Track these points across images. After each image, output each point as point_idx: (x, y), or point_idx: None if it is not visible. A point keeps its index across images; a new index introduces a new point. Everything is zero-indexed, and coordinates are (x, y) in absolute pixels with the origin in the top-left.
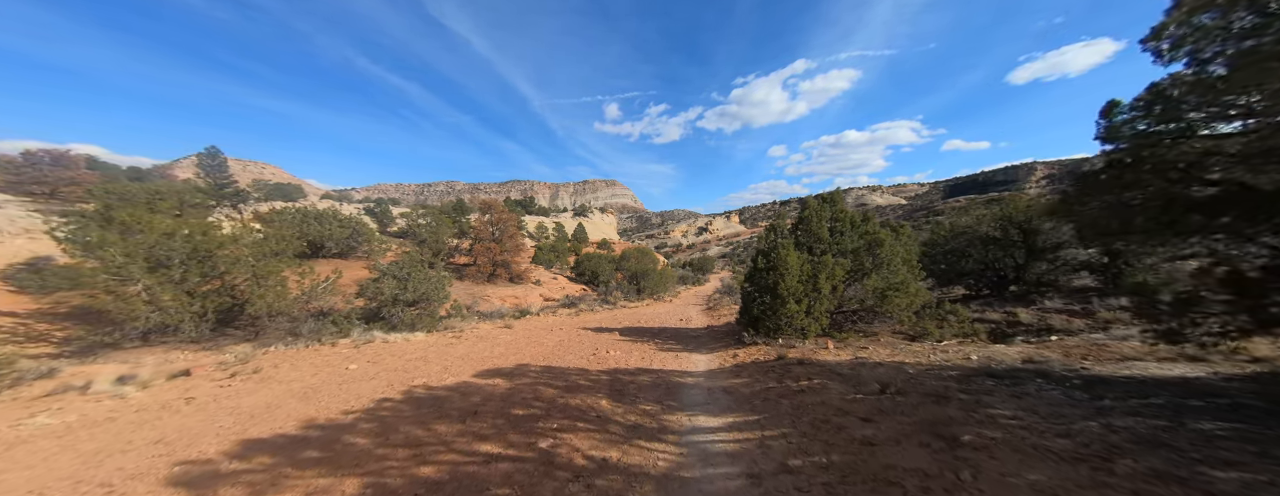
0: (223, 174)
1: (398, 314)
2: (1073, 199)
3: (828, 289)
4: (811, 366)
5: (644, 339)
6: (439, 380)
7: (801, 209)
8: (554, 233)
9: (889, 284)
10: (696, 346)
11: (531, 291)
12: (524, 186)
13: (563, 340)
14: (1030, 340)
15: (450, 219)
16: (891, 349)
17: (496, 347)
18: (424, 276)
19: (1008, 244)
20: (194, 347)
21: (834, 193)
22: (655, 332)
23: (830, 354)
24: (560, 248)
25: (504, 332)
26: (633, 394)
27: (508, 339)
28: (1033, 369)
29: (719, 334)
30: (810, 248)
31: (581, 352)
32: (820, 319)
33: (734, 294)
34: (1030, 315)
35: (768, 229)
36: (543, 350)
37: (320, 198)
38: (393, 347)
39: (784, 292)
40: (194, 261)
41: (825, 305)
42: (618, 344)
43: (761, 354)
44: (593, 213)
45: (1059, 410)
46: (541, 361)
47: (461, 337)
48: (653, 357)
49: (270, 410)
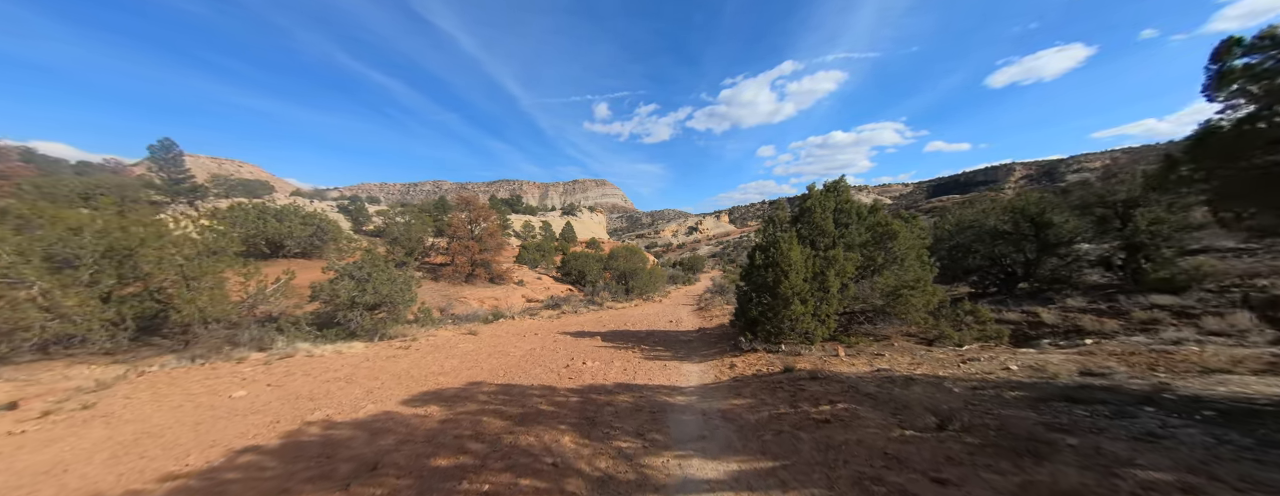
0: (178, 168)
1: (356, 318)
2: (1190, 165)
3: (836, 287)
4: (828, 382)
5: (629, 344)
6: (351, 411)
7: (802, 199)
8: (541, 231)
9: (903, 281)
10: (687, 353)
11: (513, 292)
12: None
13: (534, 349)
14: (1059, 343)
15: (431, 217)
16: (911, 356)
17: (450, 360)
18: (387, 277)
19: (1018, 238)
20: (108, 360)
21: (838, 181)
22: (642, 337)
23: (844, 363)
24: (546, 247)
25: (466, 340)
26: (607, 423)
27: (468, 348)
28: (1105, 386)
29: (712, 338)
30: (813, 242)
31: (553, 364)
32: (828, 322)
33: (726, 293)
34: (1053, 315)
35: (766, 221)
36: (506, 362)
37: (291, 194)
38: (316, 363)
39: (786, 292)
40: (109, 261)
41: (834, 306)
42: (598, 352)
43: (763, 363)
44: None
45: (1235, 465)
46: (500, 378)
47: (410, 348)
48: (637, 369)
49: (41, 480)
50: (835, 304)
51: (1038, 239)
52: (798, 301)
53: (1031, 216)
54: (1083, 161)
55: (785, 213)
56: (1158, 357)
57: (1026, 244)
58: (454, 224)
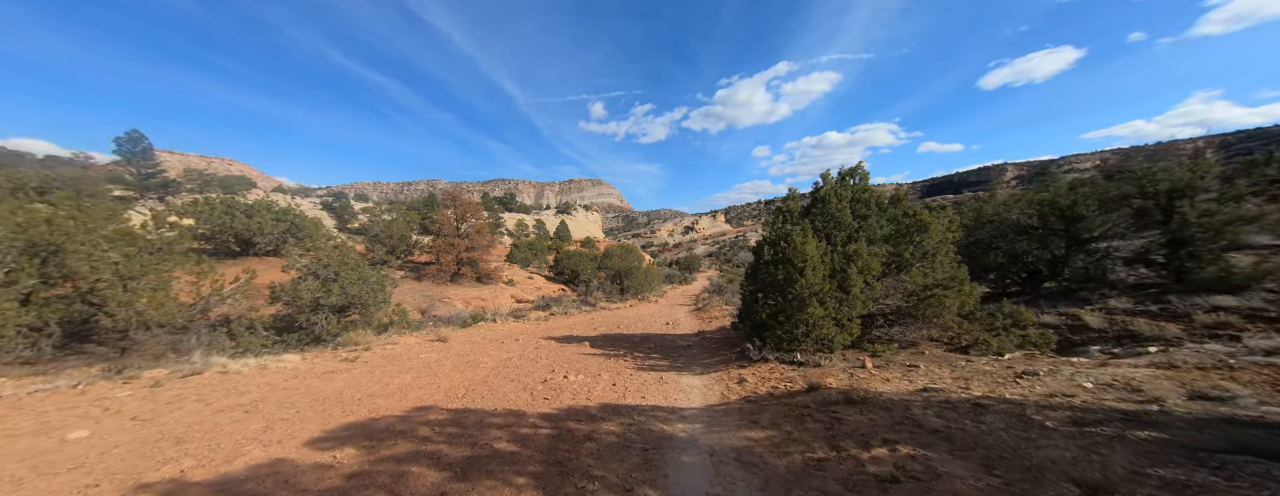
0: (148, 162)
1: (321, 322)
2: None
3: (860, 286)
4: (870, 408)
5: (621, 351)
6: (223, 461)
7: (815, 189)
8: (534, 230)
9: (935, 280)
10: (687, 362)
11: (501, 292)
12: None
13: (510, 358)
14: (1113, 352)
15: (419, 214)
16: (950, 368)
17: (401, 376)
18: (357, 276)
19: (1047, 233)
20: (27, 371)
21: (855, 167)
22: (636, 341)
23: (877, 379)
24: (539, 245)
25: (432, 348)
26: (584, 469)
27: (430, 359)
28: (1245, 417)
29: (713, 343)
30: (828, 235)
31: (529, 378)
32: (850, 326)
33: (724, 293)
34: (1097, 317)
35: (774, 213)
36: (471, 377)
37: (272, 190)
38: (224, 384)
39: (802, 292)
40: (29, 258)
41: (857, 308)
42: (584, 361)
43: (778, 377)
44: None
45: None
46: (458, 400)
47: (357, 360)
48: (628, 384)
49: None
50: (859, 306)
51: (1067, 234)
52: (816, 303)
53: (1062, 209)
54: (1073, 162)
55: (796, 203)
56: (1277, 373)
57: (1054, 239)
58: (439, 220)
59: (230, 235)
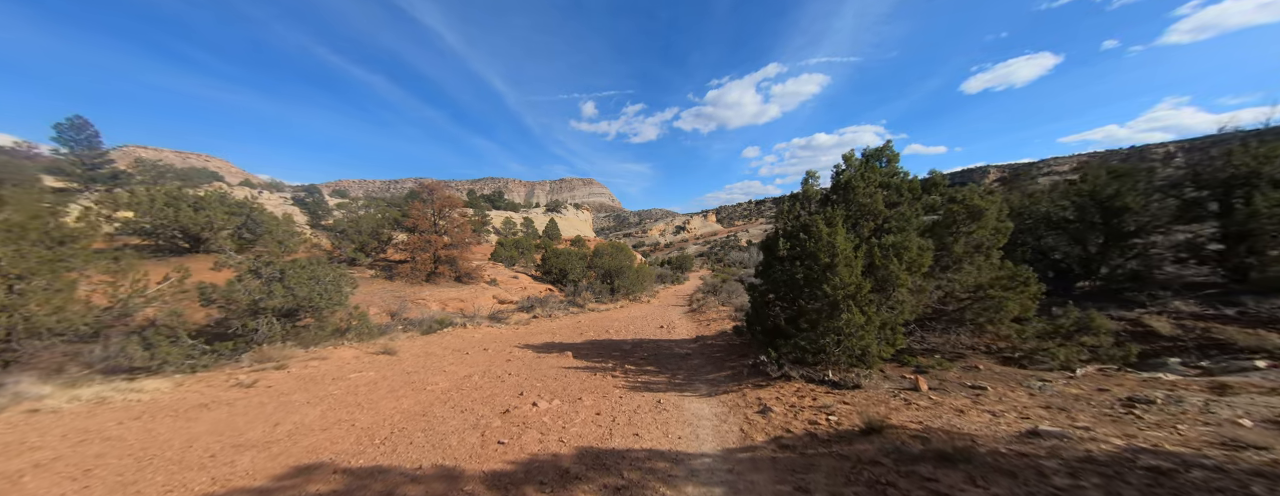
0: (94, 151)
1: (261, 328)
2: None
3: (908, 286)
4: (983, 471)
5: (609, 362)
6: None
7: (836, 173)
8: (522, 228)
9: (991, 278)
10: (689, 376)
11: (482, 293)
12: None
13: (470, 376)
14: (1200, 364)
15: (399, 211)
16: (1027, 390)
17: (304, 411)
18: (308, 275)
19: (1085, 228)
20: None
21: (883, 147)
22: (627, 349)
23: (944, 407)
24: (526, 244)
25: (371, 364)
26: None
27: (360, 381)
28: None
29: (716, 351)
30: (854, 226)
31: (485, 408)
32: (895, 337)
33: (719, 293)
34: (1165, 323)
35: (790, 199)
36: (407, 407)
37: (239, 184)
38: (19, 429)
39: (834, 294)
40: None
41: (905, 313)
42: (564, 376)
43: (812, 405)
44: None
45: None
46: (369, 450)
47: (257, 384)
48: (616, 412)
49: None
50: (907, 310)
51: (1106, 228)
52: (853, 308)
53: (1102, 200)
54: (1052, 165)
55: (815, 188)
56: None
57: (1091, 234)
58: (414, 215)
59: (176, 230)
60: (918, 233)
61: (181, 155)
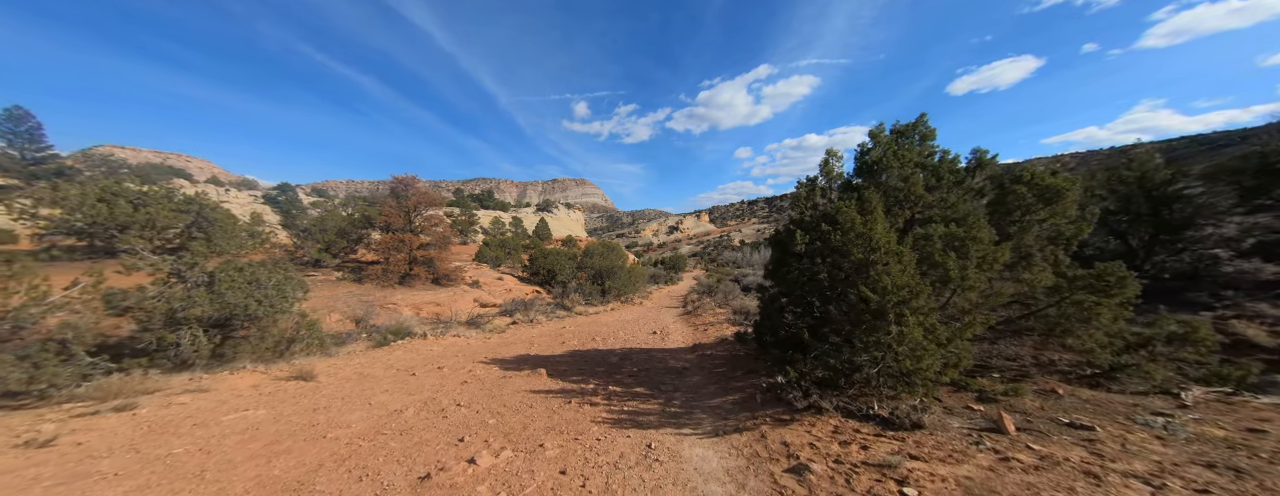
0: (35, 144)
1: (184, 341)
2: None
3: (980, 288)
4: None
5: (590, 382)
6: None
7: (861, 152)
8: (511, 228)
9: (1076, 278)
10: (688, 403)
11: (462, 296)
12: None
13: (401, 412)
14: None
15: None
16: (1153, 433)
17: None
18: (244, 278)
19: (1130, 220)
20: None
21: (917, 121)
22: (614, 362)
23: (1064, 467)
24: (513, 244)
25: (277, 394)
26: None
27: (231, 431)
28: None
29: (717, 363)
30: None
31: (395, 474)
32: (960, 357)
33: (714, 293)
34: (1260, 331)
35: (806, 185)
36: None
37: (206, 181)
38: None
39: (879, 300)
40: None
41: (976, 326)
42: (526, 409)
43: (871, 466)
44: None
45: None
46: None
47: (51, 447)
48: (586, 474)
49: None
50: (979, 321)
51: (1155, 219)
52: (908, 319)
53: (1151, 188)
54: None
55: (837, 170)
56: None
57: (1138, 226)
58: (386, 212)
59: (114, 229)
60: (961, 222)
61: (161, 154)
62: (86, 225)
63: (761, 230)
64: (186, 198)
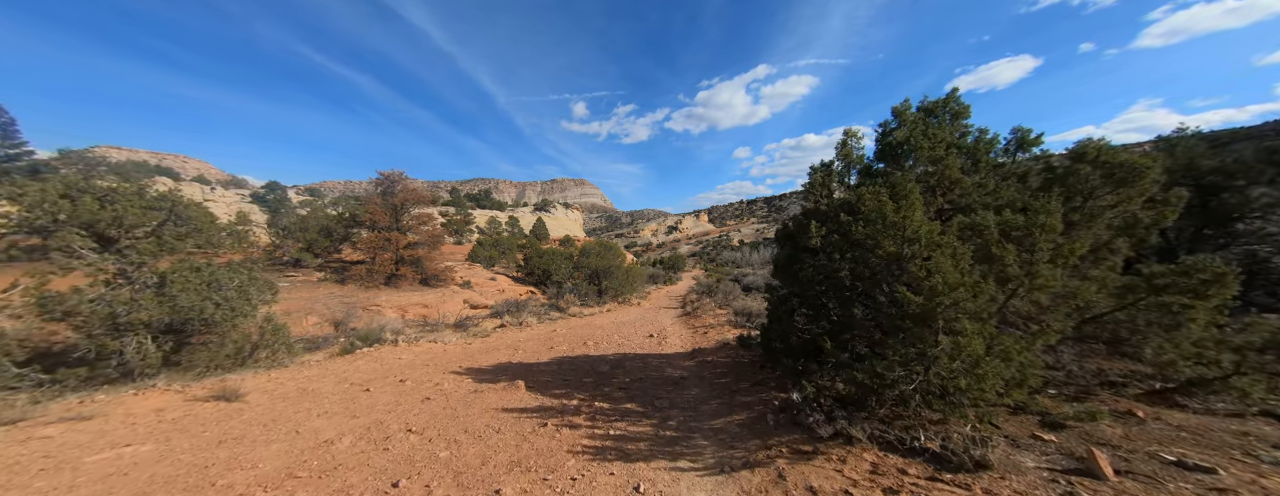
0: (9, 141)
1: (128, 350)
2: None
3: (1053, 289)
4: None
5: (571, 400)
6: None
7: (883, 132)
8: (507, 228)
9: (1149, 276)
10: (686, 424)
11: (452, 297)
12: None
13: (324, 448)
14: None
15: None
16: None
17: None
18: (200, 280)
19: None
20: None
21: (947, 97)
22: (605, 371)
23: None
24: (508, 243)
25: (183, 420)
26: None
27: (80, 482)
28: None
29: (720, 372)
30: None
31: None
32: (1026, 375)
33: (714, 294)
34: None
35: (821, 171)
36: None
37: (191, 179)
38: None
39: (923, 303)
40: None
41: (1049, 335)
42: (490, 436)
43: None
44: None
45: None
46: None
47: None
48: None
49: None
50: (1052, 329)
51: (1204, 210)
52: (966, 324)
53: (1199, 176)
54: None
55: (857, 153)
56: None
57: (1185, 221)
58: (371, 210)
59: (76, 227)
60: (1006, 210)
61: (157, 155)
62: (49, 223)
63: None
64: (159, 194)
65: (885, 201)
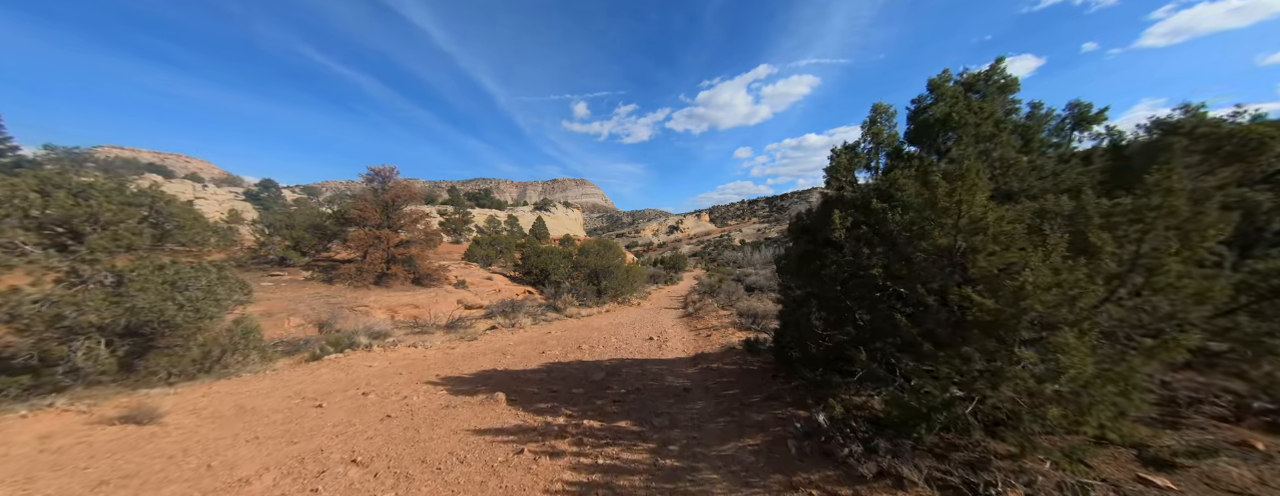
0: None
1: (77, 356)
2: None
3: (1191, 290)
4: None
5: (557, 418)
6: None
7: (917, 109)
8: (506, 227)
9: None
10: (691, 454)
11: (445, 297)
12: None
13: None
14: None
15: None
16: None
17: None
18: (162, 278)
19: None
20: None
21: (991, 68)
22: (597, 381)
23: None
24: (506, 242)
25: (77, 448)
26: None
27: None
28: None
29: (726, 383)
30: None
31: None
32: (1130, 397)
33: (716, 294)
34: None
35: (843, 153)
36: None
37: (184, 177)
38: None
39: (1008, 313)
40: None
41: (1175, 350)
42: (448, 469)
43: None
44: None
45: None
46: None
47: None
48: None
49: None
50: (1175, 345)
51: None
52: (1070, 335)
53: None
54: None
55: (888, 131)
56: None
57: None
58: (360, 207)
59: (53, 224)
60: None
61: (160, 155)
62: (20, 219)
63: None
64: (140, 190)
65: (936, 182)
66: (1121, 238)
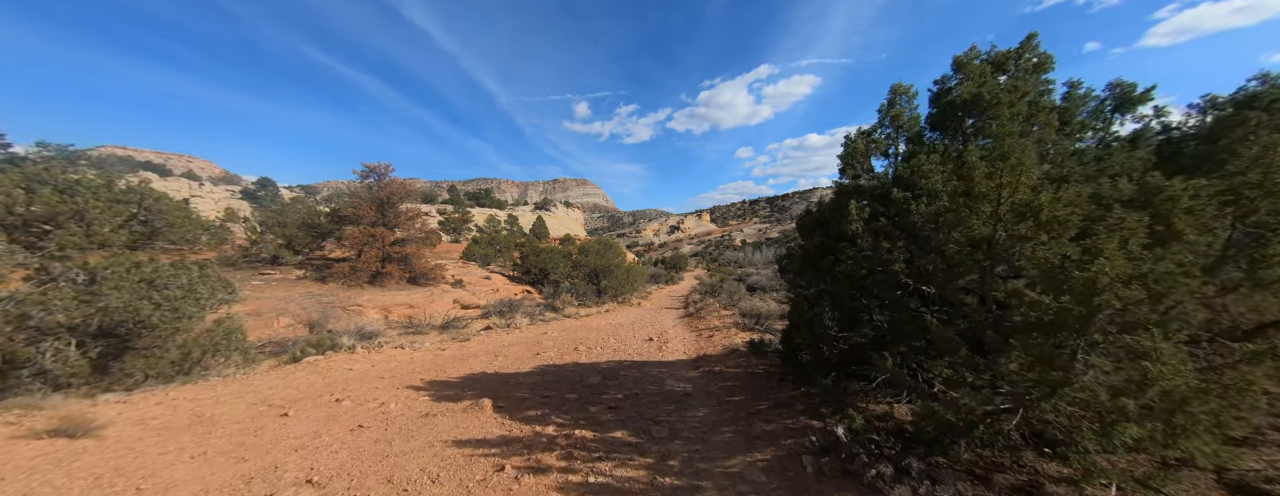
0: None
1: (45, 358)
2: None
3: None
4: None
5: (546, 427)
6: None
7: (940, 90)
8: (506, 226)
9: None
10: (693, 471)
11: (441, 296)
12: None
13: None
14: None
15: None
16: None
17: None
18: (140, 276)
19: None
20: None
21: (1023, 45)
22: (592, 386)
23: None
24: (505, 241)
25: None
26: None
27: None
28: None
29: (730, 387)
30: None
31: None
32: (1251, 415)
33: (717, 294)
34: None
35: (859, 138)
36: None
37: (180, 175)
38: None
39: (1077, 314)
40: None
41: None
42: (427, 486)
43: None
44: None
45: None
46: None
47: None
48: None
49: None
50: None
51: None
52: (1158, 345)
53: None
54: None
55: (908, 114)
56: None
57: None
58: (354, 205)
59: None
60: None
61: (162, 155)
62: (3, 215)
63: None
64: (128, 187)
65: (974, 164)
66: (1204, 225)
